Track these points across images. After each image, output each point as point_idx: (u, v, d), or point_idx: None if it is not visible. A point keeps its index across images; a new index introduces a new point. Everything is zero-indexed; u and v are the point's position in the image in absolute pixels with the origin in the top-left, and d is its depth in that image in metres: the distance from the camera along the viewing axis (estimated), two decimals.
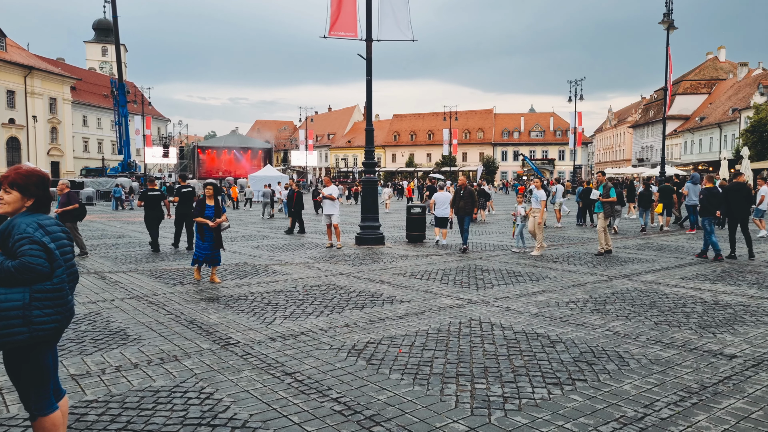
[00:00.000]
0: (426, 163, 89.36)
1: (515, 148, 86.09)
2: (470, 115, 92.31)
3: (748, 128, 37.74)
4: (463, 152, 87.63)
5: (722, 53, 71.76)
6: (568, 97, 46.00)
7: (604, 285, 8.43)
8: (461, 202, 12.51)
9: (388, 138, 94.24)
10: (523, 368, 4.71)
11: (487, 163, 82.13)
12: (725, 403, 3.95)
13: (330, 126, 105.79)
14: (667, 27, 23.76)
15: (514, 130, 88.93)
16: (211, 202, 8.83)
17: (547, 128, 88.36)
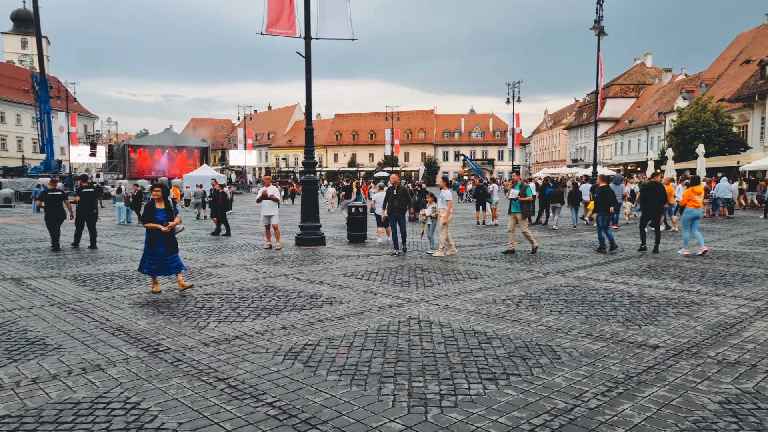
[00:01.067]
0: (368, 163, 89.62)
1: (456, 148, 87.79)
2: (412, 115, 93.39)
3: (672, 130, 40.22)
4: (405, 152, 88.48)
5: (649, 59, 76.19)
6: (506, 99, 47.39)
7: (539, 281, 8.72)
8: (395, 202, 11.89)
9: (329, 138, 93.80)
10: (460, 365, 4.79)
11: (428, 163, 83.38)
12: (648, 391, 4.17)
13: (270, 125, 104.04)
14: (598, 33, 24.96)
15: (455, 131, 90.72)
16: (161, 205, 8.18)
17: (486, 129, 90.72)
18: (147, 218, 8.07)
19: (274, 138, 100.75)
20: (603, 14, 25.15)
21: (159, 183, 8.91)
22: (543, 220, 19.42)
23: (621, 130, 65.51)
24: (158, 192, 8.27)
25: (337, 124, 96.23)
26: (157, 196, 8.24)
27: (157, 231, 8.02)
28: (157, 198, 8.23)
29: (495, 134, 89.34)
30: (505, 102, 47.02)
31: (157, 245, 8.03)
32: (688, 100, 47.74)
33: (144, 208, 8.19)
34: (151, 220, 8.04)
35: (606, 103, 69.79)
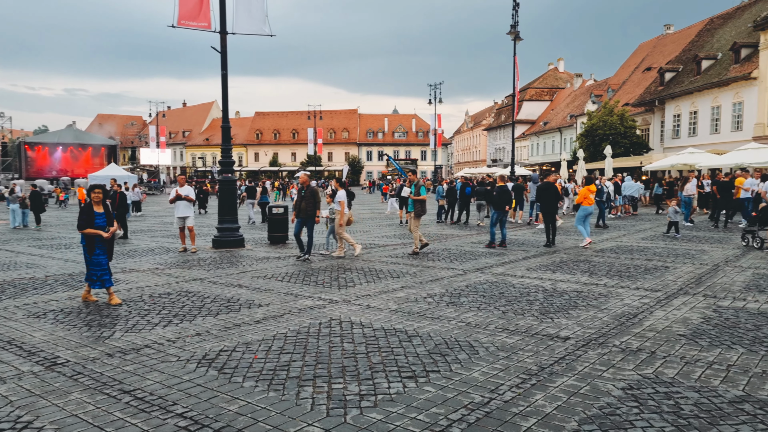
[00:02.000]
0: (291, 162, 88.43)
1: (380, 148, 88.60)
2: (335, 114, 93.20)
3: (583, 132, 42.79)
4: (328, 152, 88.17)
5: (561, 64, 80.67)
6: (428, 100, 48.46)
7: (460, 279, 8.97)
8: (303, 203, 10.99)
9: (250, 136, 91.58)
10: (380, 364, 4.81)
11: (352, 162, 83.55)
12: (559, 381, 4.39)
13: (185, 122, 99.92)
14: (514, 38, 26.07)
15: (379, 131, 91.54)
16: (100, 209, 7.43)
17: (409, 129, 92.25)
18: (85, 223, 7.24)
19: (189, 136, 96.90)
20: (519, 20, 26.30)
21: (98, 184, 8.03)
22: (463, 219, 20.00)
23: (537, 132, 68.88)
24: (99, 194, 7.47)
25: (257, 122, 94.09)
26: (98, 198, 7.44)
27: (98, 238, 7.27)
28: (96, 201, 7.43)
29: (418, 134, 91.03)
30: (428, 103, 48.08)
31: (98, 253, 7.29)
32: (596, 104, 50.98)
33: (81, 212, 7.32)
34: (90, 226, 7.25)
35: (523, 105, 73.15)
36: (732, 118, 34.83)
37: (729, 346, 5.24)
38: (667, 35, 53.75)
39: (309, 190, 11.16)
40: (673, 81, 41.38)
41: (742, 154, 23.79)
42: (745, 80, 33.12)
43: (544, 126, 67.77)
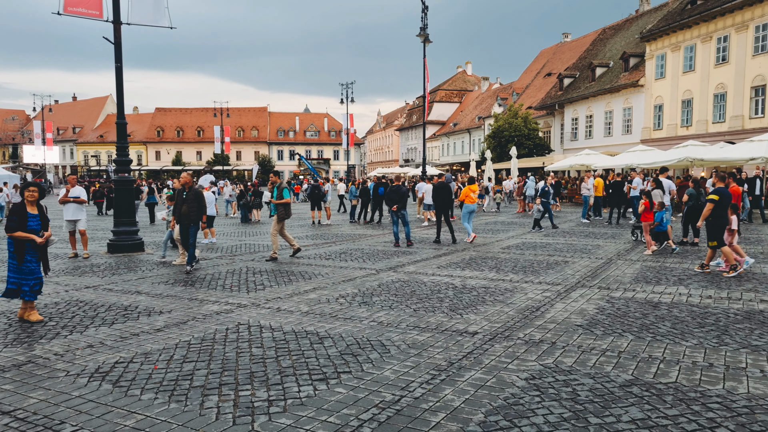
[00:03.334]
0: (196, 161, 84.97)
1: (291, 147, 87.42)
2: (243, 112, 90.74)
3: (490, 134, 44.76)
4: (237, 150, 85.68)
5: (469, 67, 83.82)
6: (340, 99, 48.44)
7: (372, 278, 9.05)
8: (184, 206, 9.88)
9: (150, 133, 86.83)
10: (290, 368, 4.74)
11: (262, 162, 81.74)
12: (467, 375, 4.55)
13: (76, 118, 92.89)
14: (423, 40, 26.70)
15: (290, 130, 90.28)
16: (35, 210, 6.67)
17: (321, 128, 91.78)
18: (16, 225, 6.44)
19: (81, 132, 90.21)
20: (428, 23, 26.99)
21: (34, 182, 7.10)
22: (377, 219, 20.22)
23: (447, 133, 71.07)
24: (34, 193, 6.66)
25: (158, 118, 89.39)
26: (33, 198, 6.65)
27: (29, 243, 6.49)
28: (30, 200, 6.65)
29: (330, 134, 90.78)
30: (340, 102, 48.05)
31: (29, 260, 6.51)
32: (502, 106, 53.52)
33: (11, 212, 6.50)
34: (21, 229, 6.46)
35: (433, 106, 75.21)
36: (623, 122, 37.89)
37: (620, 333, 5.69)
38: (565, 43, 57.49)
39: (192, 192, 10.02)
40: (571, 86, 44.34)
41: (631, 155, 25.96)
42: (634, 87, 36.17)
43: (454, 127, 70.05)
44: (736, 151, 20.49)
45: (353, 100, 47.72)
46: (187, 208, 9.88)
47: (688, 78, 32.03)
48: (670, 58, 33.33)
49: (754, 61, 27.91)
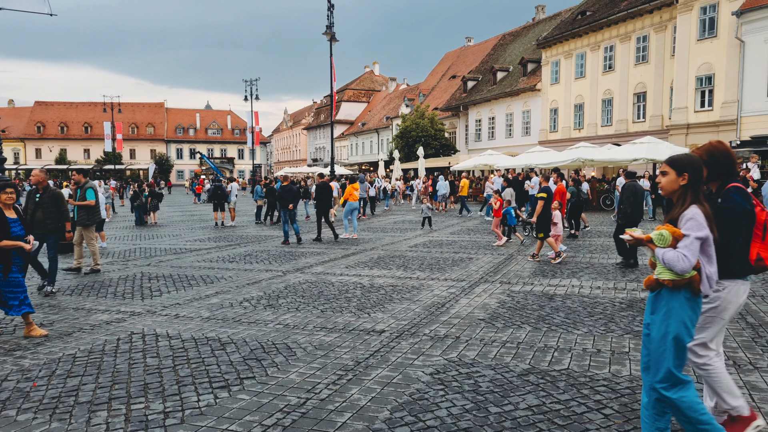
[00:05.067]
0: (83, 160, 79.16)
1: (192, 145, 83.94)
2: (138, 107, 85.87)
3: (398, 134, 45.56)
4: (130, 148, 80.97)
5: (377, 68, 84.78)
6: (244, 96, 47.16)
7: (279, 280, 8.90)
8: (38, 212, 7.99)
9: (29, 129, 79.68)
10: (189, 377, 4.55)
11: (160, 160, 77.75)
12: (374, 373, 4.60)
13: None
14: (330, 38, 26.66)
15: (190, 127, 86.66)
16: (13, 214, 5.93)
17: (225, 126, 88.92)
18: (1, 234, 5.68)
19: None
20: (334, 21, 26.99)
21: (10, 182, 6.30)
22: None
23: (355, 132, 71.46)
24: (11, 195, 5.89)
25: (38, 113, 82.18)
26: (11, 200, 5.90)
27: (14, 252, 5.77)
28: (8, 203, 5.89)
29: (234, 132, 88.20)
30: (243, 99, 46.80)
31: (15, 271, 5.80)
32: (409, 107, 54.68)
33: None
34: (5, 237, 5.70)
35: (341, 106, 75.34)
36: (522, 124, 40.09)
37: (519, 325, 6.01)
38: (469, 47, 59.85)
39: (48, 193, 8.14)
40: (474, 89, 46.25)
41: (530, 156, 27.52)
42: (532, 91, 38.38)
43: (362, 127, 70.57)
44: (622, 153, 22.36)
45: (258, 97, 46.68)
46: (42, 215, 8.01)
47: (580, 84, 34.49)
48: (564, 65, 35.72)
49: (636, 69, 30.61)
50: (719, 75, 24.83)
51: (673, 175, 3.04)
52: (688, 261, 2.83)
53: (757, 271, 3.27)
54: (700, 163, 3.04)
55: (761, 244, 3.23)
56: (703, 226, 2.89)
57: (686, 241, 2.87)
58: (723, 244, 3.08)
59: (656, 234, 2.94)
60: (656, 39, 29.30)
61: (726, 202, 3.20)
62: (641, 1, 29.87)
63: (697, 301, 2.96)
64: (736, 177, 3.32)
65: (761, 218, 3.24)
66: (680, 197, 3.03)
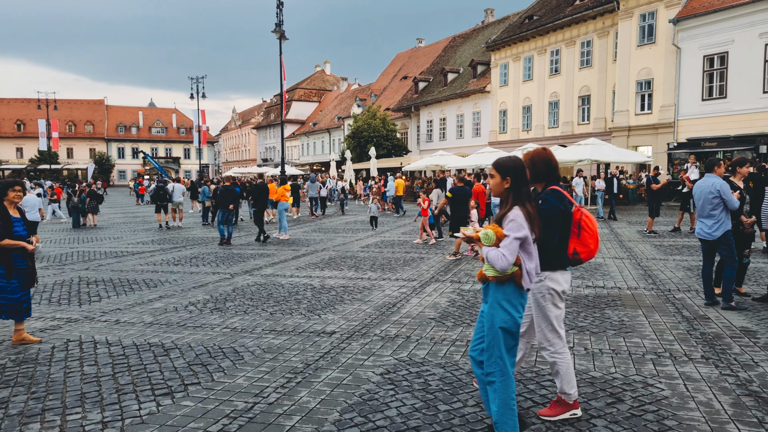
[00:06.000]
0: (16, 159, 75.19)
1: (134, 144, 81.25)
2: (75, 105, 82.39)
3: (350, 134, 45.52)
4: (67, 147, 77.60)
5: (328, 67, 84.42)
6: (190, 94, 45.97)
7: (226, 283, 8.72)
8: None
9: None
10: (130, 385, 4.39)
11: (100, 160, 74.81)
12: (324, 375, 4.57)
13: None
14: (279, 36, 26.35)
15: (132, 125, 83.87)
16: (17, 213, 5.66)
17: (169, 125, 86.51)
18: (2, 233, 5.41)
19: None
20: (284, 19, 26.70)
21: (16, 179, 6.04)
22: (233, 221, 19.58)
23: (307, 132, 70.91)
24: (20, 193, 5.66)
25: None
26: (19, 198, 5.66)
27: (16, 254, 5.50)
28: (15, 202, 5.65)
29: (180, 131, 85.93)
30: (189, 97, 45.60)
31: (19, 274, 5.50)
32: (361, 107, 54.72)
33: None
34: (8, 236, 5.44)
35: (292, 105, 74.59)
36: (473, 125, 40.82)
37: (469, 324, 6.11)
38: (420, 48, 60.45)
39: None
40: (426, 90, 46.74)
41: (480, 156, 28.04)
42: (481, 93, 39.13)
43: (313, 126, 70.10)
44: (568, 154, 23.08)
45: (205, 95, 45.64)
46: None
47: (528, 86, 35.42)
48: (512, 68, 36.59)
49: (580, 73, 31.70)
50: (658, 80, 26.04)
51: (499, 178, 3.27)
52: (507, 260, 3.07)
53: (574, 264, 3.67)
54: (523, 167, 3.29)
55: (577, 240, 3.62)
56: (523, 227, 3.13)
57: (506, 241, 3.11)
58: (542, 240, 3.37)
59: (483, 233, 3.17)
60: (599, 44, 30.43)
61: (543, 204, 3.53)
62: (585, 7, 30.98)
63: (521, 293, 3.22)
64: (557, 181, 3.69)
65: (576, 217, 3.62)
66: (505, 199, 3.27)
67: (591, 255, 3.65)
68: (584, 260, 3.66)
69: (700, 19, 23.82)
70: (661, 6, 25.67)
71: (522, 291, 3.22)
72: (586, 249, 3.62)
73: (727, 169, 7.30)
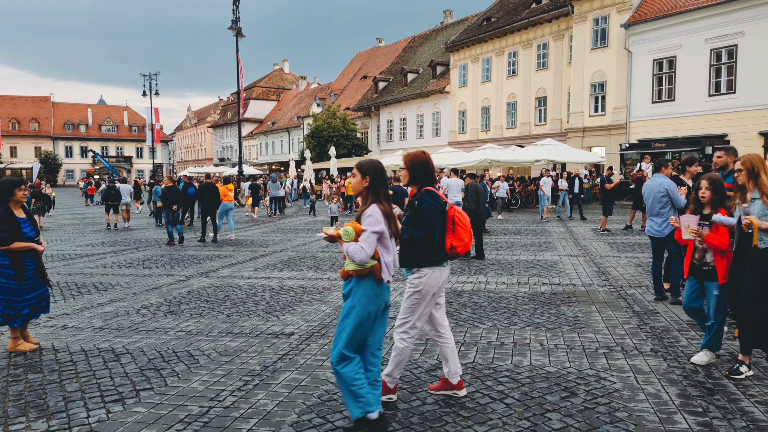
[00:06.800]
0: None
1: (83, 143, 78.55)
2: (19, 101, 79.10)
3: (309, 134, 45.22)
4: (11, 146, 74.37)
5: (286, 65, 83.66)
6: (143, 92, 44.76)
7: (181, 285, 8.53)
8: None
9: None
10: (78, 392, 4.24)
11: (46, 159, 71.98)
12: (282, 377, 4.53)
13: None
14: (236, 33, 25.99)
15: (81, 123, 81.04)
16: (22, 213, 5.46)
17: (121, 123, 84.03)
18: (11, 236, 5.21)
19: None
20: (240, 16, 26.31)
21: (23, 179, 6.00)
22: (187, 222, 19.18)
23: (265, 131, 70.06)
24: (26, 191, 5.53)
25: None
26: (24, 198, 5.48)
27: (27, 254, 5.34)
28: (22, 201, 5.48)
29: (132, 129, 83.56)
30: (142, 94, 44.38)
31: (29, 275, 5.35)
32: (321, 106, 54.46)
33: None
34: (17, 238, 5.25)
35: (250, 104, 73.53)
36: (432, 126, 41.19)
37: None
38: (379, 48, 60.58)
39: None
40: (386, 90, 46.89)
41: (440, 156, 28.32)
42: (441, 93, 39.53)
43: (272, 125, 69.32)
44: (525, 154, 23.59)
45: (158, 92, 44.52)
46: None
47: (486, 87, 35.99)
48: (471, 69, 37.11)
49: (537, 75, 32.42)
50: (611, 82, 26.88)
51: (359, 177, 3.49)
52: (365, 252, 3.27)
53: (452, 258, 3.92)
54: (382, 169, 3.53)
55: (452, 235, 3.89)
56: (380, 222, 3.35)
57: (364, 235, 3.32)
58: (424, 238, 3.69)
59: (343, 230, 3.36)
60: (555, 47, 31.20)
61: (420, 204, 3.75)
62: (541, 10, 31.70)
63: (381, 287, 3.43)
64: (432, 182, 3.93)
65: (450, 214, 3.89)
66: (365, 197, 3.49)
67: (466, 248, 3.93)
68: (461, 254, 3.93)
69: (649, 24, 24.72)
70: (614, 11, 26.51)
71: (381, 284, 3.42)
72: (461, 243, 3.90)
73: (677, 167, 7.62)
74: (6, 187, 5.35)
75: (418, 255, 3.77)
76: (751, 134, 21.61)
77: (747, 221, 4.30)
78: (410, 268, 3.81)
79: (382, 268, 3.40)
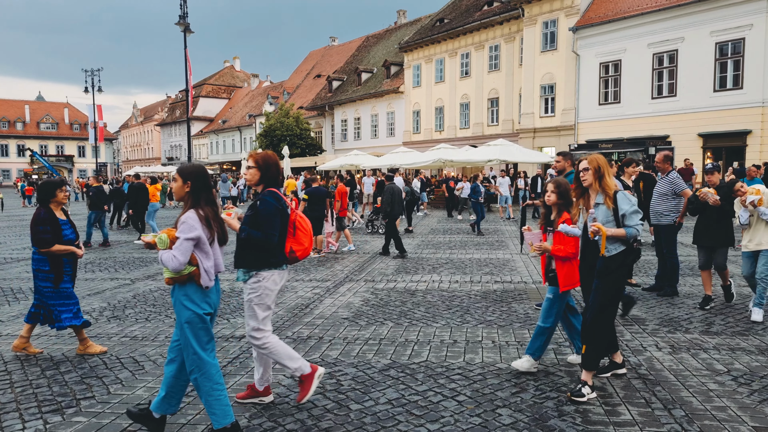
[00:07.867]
0: None
1: (20, 141, 74.93)
2: None
3: (262, 132, 44.54)
4: None
5: (237, 63, 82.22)
6: (84, 88, 43.03)
7: (126, 289, 8.25)
8: None
9: None
10: (12, 403, 4.04)
11: None
12: (232, 381, 4.45)
13: None
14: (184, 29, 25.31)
15: (17, 120, 77.30)
16: (63, 216, 5.33)
17: (61, 120, 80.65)
18: (52, 238, 5.09)
19: None
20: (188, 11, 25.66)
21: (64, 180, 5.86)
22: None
23: (215, 130, 68.64)
24: (65, 193, 5.38)
25: None
26: (65, 199, 5.39)
27: (66, 259, 5.23)
28: (63, 202, 5.38)
29: (73, 127, 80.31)
30: (84, 91, 42.67)
31: (67, 281, 5.25)
32: (274, 105, 53.77)
33: (39, 221, 5.07)
34: (58, 241, 5.13)
35: (199, 102, 71.89)
36: (387, 125, 41.32)
37: (381, 322, 6.18)
38: (333, 46, 60.35)
39: None
40: (340, 89, 46.74)
41: (394, 156, 28.44)
42: (395, 93, 39.70)
43: (223, 124, 67.99)
44: (478, 154, 23.96)
45: (101, 89, 42.86)
46: None
47: (440, 88, 36.38)
48: (425, 69, 37.44)
49: (489, 76, 33.01)
50: (560, 84, 27.65)
51: (181, 182, 3.41)
52: (178, 260, 3.20)
53: (290, 262, 3.89)
54: (204, 173, 3.46)
55: (293, 239, 3.87)
56: (194, 229, 3.26)
57: (177, 243, 3.24)
58: (262, 238, 3.63)
59: (158, 238, 3.31)
60: (506, 49, 31.84)
61: (261, 204, 3.72)
62: (492, 12, 32.29)
63: (203, 292, 3.36)
64: (279, 184, 3.91)
65: (292, 218, 3.86)
66: (186, 202, 3.41)
67: (306, 253, 3.92)
68: (300, 258, 3.90)
69: (596, 28, 25.56)
70: (562, 15, 27.28)
71: (203, 289, 3.35)
72: (301, 247, 3.88)
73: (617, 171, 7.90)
74: (47, 189, 5.28)
75: (257, 255, 3.71)
76: (690, 135, 22.66)
77: (594, 228, 4.02)
78: (248, 270, 3.75)
79: (201, 274, 3.31)
